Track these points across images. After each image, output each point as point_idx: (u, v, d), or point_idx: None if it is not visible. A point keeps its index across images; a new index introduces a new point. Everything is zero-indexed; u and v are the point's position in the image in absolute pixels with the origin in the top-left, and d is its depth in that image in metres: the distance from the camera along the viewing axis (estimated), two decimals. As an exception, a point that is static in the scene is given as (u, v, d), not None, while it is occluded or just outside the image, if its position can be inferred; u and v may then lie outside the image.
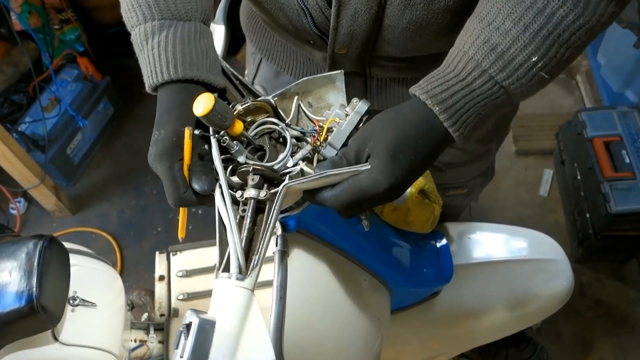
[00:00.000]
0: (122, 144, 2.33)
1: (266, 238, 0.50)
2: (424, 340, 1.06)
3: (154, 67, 0.58)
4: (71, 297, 0.80)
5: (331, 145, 0.56)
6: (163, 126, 0.56)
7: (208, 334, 0.44)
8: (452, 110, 0.53)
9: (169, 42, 0.59)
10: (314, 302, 0.70)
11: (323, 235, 0.68)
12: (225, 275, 0.48)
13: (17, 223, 2.07)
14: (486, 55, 0.52)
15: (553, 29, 0.51)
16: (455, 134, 0.54)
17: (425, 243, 0.94)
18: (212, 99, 0.51)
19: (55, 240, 0.75)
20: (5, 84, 2.13)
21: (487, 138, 0.98)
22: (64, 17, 2.24)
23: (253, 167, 0.53)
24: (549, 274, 1.04)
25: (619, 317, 1.76)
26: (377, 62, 0.78)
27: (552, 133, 2.08)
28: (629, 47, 1.85)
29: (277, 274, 0.52)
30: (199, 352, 0.43)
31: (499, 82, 0.53)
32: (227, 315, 0.46)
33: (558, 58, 0.52)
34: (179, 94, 0.58)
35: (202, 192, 0.54)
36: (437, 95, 0.53)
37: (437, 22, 0.66)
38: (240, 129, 0.55)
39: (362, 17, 0.66)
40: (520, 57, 0.52)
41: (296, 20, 0.71)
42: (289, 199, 0.57)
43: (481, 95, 0.53)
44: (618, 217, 1.60)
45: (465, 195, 1.12)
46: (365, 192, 0.52)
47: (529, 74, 0.52)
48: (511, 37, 0.52)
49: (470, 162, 1.02)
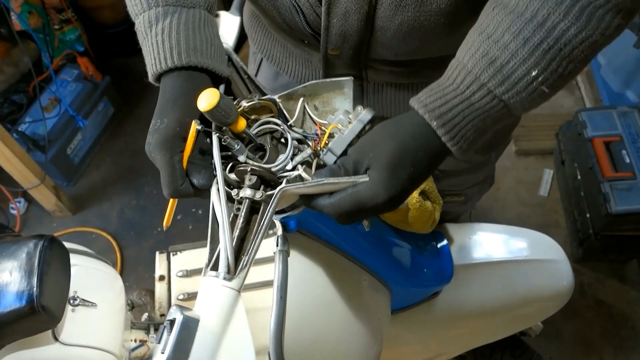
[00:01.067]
0: (122, 144, 2.33)
1: (258, 240, 0.50)
2: (424, 341, 1.06)
3: (157, 54, 0.58)
4: (71, 297, 0.80)
5: (331, 151, 0.56)
6: (166, 115, 0.55)
7: (191, 332, 0.44)
8: (450, 125, 0.52)
9: (172, 29, 0.58)
10: (315, 302, 0.70)
11: (323, 235, 0.68)
12: (213, 274, 0.48)
13: (17, 223, 2.07)
14: (485, 68, 0.51)
15: (554, 43, 0.50)
16: (454, 147, 0.53)
17: (425, 243, 0.94)
18: (217, 94, 0.50)
19: (55, 240, 0.75)
20: (5, 84, 2.13)
21: (486, 148, 0.97)
22: (64, 17, 2.24)
23: (251, 168, 0.53)
24: (549, 274, 1.04)
25: (619, 317, 1.76)
26: (372, 65, 0.78)
27: (552, 133, 2.08)
28: (629, 47, 1.85)
29: (278, 274, 0.51)
30: (181, 349, 0.43)
31: (497, 95, 0.52)
32: (212, 314, 0.46)
33: (559, 72, 0.51)
34: (183, 83, 0.57)
35: (200, 186, 0.54)
36: (435, 109, 0.53)
37: (430, 24, 0.65)
38: (243, 126, 0.55)
39: (352, 16, 0.66)
40: (519, 71, 0.51)
41: (289, 18, 0.71)
42: (285, 201, 0.56)
43: (480, 109, 0.52)
44: (618, 217, 1.61)
45: (462, 202, 1.11)
46: (364, 204, 0.52)
47: (528, 88, 0.51)
48: (510, 51, 0.51)
49: (468, 171, 1.01)
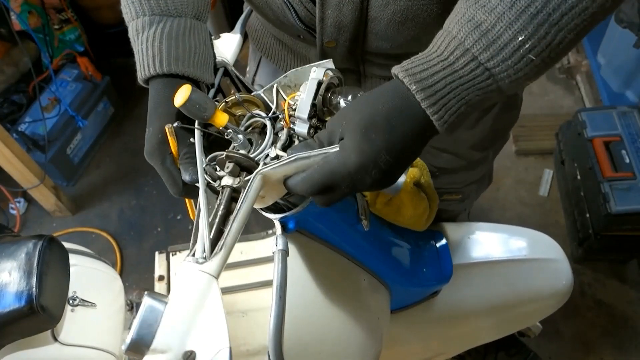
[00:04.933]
0: (122, 144, 2.33)
1: (235, 224, 0.49)
2: (423, 340, 1.06)
3: (142, 61, 0.61)
4: (71, 297, 0.80)
5: (299, 118, 0.55)
6: (151, 123, 0.59)
7: (156, 315, 0.44)
8: (431, 90, 0.49)
9: (155, 38, 0.61)
10: (314, 301, 0.70)
11: (323, 235, 0.68)
12: (189, 260, 0.48)
13: (17, 223, 2.07)
14: (469, 33, 0.49)
15: (542, 7, 0.47)
16: (434, 116, 0.50)
17: (425, 243, 0.94)
18: (188, 89, 0.53)
19: (55, 240, 0.76)
20: (5, 84, 2.13)
21: (483, 145, 0.96)
22: (64, 17, 2.24)
23: (226, 155, 0.53)
24: (548, 274, 1.04)
25: (619, 317, 1.76)
26: (370, 58, 0.78)
27: (552, 133, 2.08)
28: (629, 47, 1.85)
29: (277, 274, 0.51)
30: (145, 332, 0.43)
31: (482, 62, 0.49)
32: (182, 298, 0.46)
33: (548, 40, 0.48)
34: (164, 89, 0.60)
35: (190, 181, 0.56)
36: (415, 74, 0.50)
37: (423, 13, 0.65)
38: (224, 121, 0.56)
39: (346, 6, 0.66)
40: (505, 35, 0.48)
41: (281, 14, 0.71)
42: (271, 193, 0.55)
43: (464, 77, 0.49)
44: (618, 217, 1.60)
45: (460, 200, 1.11)
46: (335, 172, 0.50)
47: (515, 56, 0.48)
48: (496, 14, 0.48)
49: (465, 169, 1.00)
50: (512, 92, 0.52)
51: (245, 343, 0.96)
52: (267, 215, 0.61)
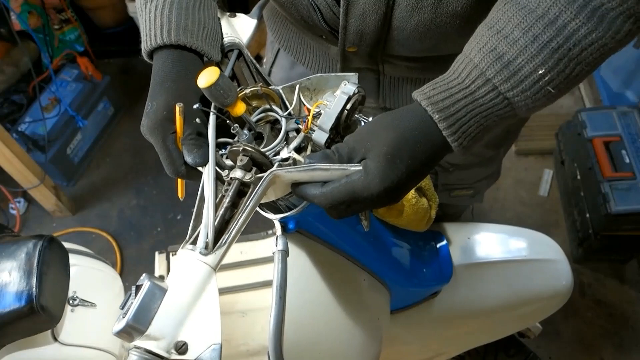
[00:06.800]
0: (122, 144, 2.33)
1: (240, 219, 0.49)
2: (423, 340, 1.06)
3: (149, 30, 0.59)
4: (71, 297, 0.80)
5: (320, 128, 0.55)
6: (155, 98, 0.56)
7: (156, 300, 0.43)
8: (452, 119, 0.51)
9: (165, 6, 0.59)
10: (314, 302, 0.70)
11: (323, 235, 0.68)
12: (190, 247, 0.47)
13: (17, 223, 2.07)
14: (491, 64, 0.50)
15: (563, 42, 0.48)
16: (454, 143, 0.52)
17: (425, 243, 0.94)
18: (217, 72, 0.51)
19: (55, 240, 0.76)
20: (5, 84, 2.13)
21: (497, 143, 0.97)
22: (64, 17, 2.24)
23: (243, 148, 0.52)
24: (548, 274, 1.04)
25: (619, 317, 1.76)
26: (389, 60, 0.78)
27: (552, 133, 2.08)
28: (629, 47, 1.85)
29: (277, 274, 0.51)
30: (143, 316, 0.42)
31: (502, 92, 0.51)
32: (182, 287, 0.45)
33: (567, 73, 0.50)
34: (172, 64, 0.58)
35: (193, 164, 0.54)
36: (438, 102, 0.52)
37: (446, 25, 0.65)
38: (242, 110, 0.55)
39: (370, 17, 0.66)
40: (526, 68, 0.49)
41: (307, 15, 0.72)
42: (277, 191, 0.56)
43: (484, 106, 0.51)
44: (618, 217, 1.61)
45: (471, 196, 1.12)
46: (358, 195, 0.51)
47: (534, 87, 0.50)
48: (519, 47, 0.49)
49: (479, 165, 1.01)
50: (527, 116, 0.54)
51: (245, 343, 0.96)
52: (267, 216, 0.61)
